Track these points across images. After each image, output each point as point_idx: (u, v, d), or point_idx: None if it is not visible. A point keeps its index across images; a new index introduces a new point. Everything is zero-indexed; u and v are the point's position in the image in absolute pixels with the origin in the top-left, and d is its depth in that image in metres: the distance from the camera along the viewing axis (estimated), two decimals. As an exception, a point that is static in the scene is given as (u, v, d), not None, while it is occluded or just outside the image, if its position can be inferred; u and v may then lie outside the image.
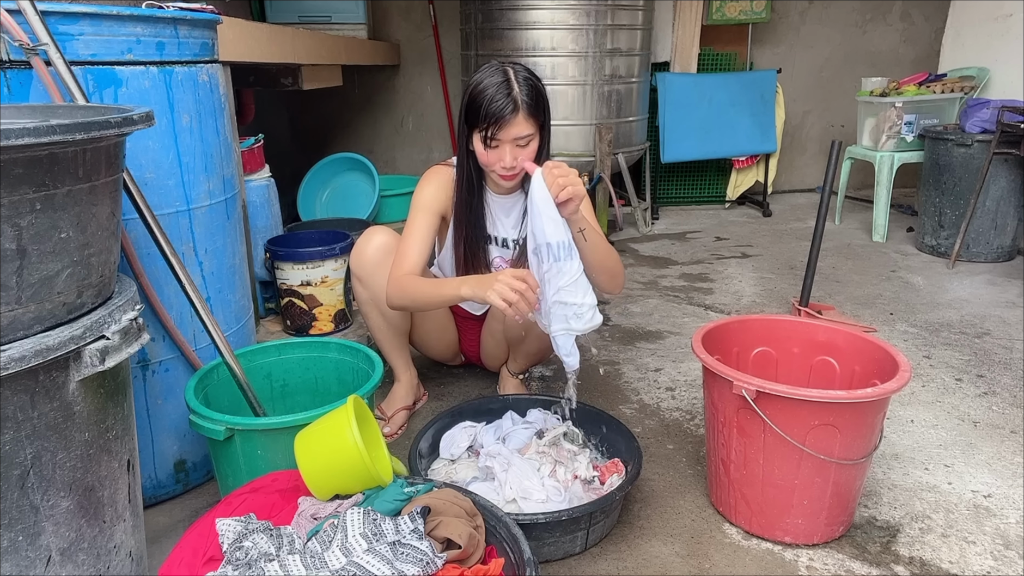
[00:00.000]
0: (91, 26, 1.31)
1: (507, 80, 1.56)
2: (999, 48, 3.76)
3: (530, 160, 1.60)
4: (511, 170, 1.62)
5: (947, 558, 1.42)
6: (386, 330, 1.90)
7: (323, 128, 4.64)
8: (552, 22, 3.40)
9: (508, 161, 1.59)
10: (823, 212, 2.33)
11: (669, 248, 3.70)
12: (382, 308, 1.84)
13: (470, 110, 1.59)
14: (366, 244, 1.83)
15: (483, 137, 1.58)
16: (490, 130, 1.56)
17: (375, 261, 1.80)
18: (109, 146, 0.94)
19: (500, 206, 1.81)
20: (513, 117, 1.55)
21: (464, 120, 1.62)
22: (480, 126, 1.57)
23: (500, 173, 1.64)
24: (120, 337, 0.92)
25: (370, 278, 1.82)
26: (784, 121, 4.41)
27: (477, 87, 1.58)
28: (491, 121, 1.55)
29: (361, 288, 1.85)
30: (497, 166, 1.62)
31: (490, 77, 1.57)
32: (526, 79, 1.58)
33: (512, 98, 1.54)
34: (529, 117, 1.57)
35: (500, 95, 1.54)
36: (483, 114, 1.55)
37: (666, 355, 2.36)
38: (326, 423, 1.25)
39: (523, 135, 1.57)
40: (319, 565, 1.06)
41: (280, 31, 2.54)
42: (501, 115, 1.54)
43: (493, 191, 1.79)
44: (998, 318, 2.64)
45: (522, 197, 1.80)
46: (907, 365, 1.39)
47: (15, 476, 0.83)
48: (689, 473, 1.71)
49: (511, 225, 1.83)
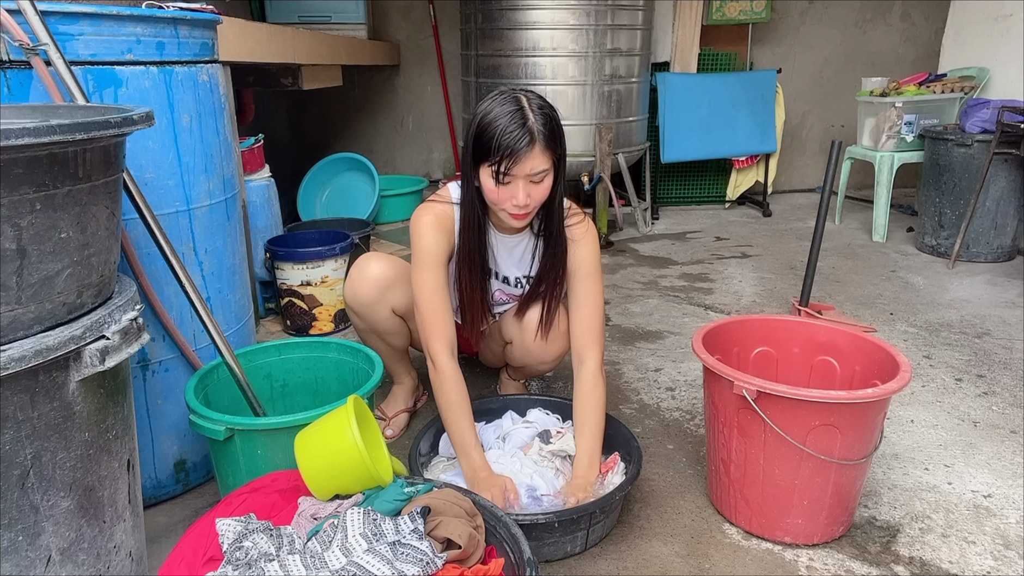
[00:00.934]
0: (91, 26, 1.31)
1: (520, 109, 1.39)
2: (999, 48, 3.76)
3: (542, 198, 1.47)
4: (524, 208, 1.45)
5: (947, 558, 1.42)
6: (387, 351, 1.85)
7: (323, 128, 4.64)
8: (552, 22, 3.40)
9: (522, 199, 1.42)
10: (823, 212, 2.33)
11: (669, 248, 3.70)
12: (381, 333, 1.80)
13: (479, 143, 1.41)
14: (360, 278, 1.73)
15: (494, 172, 1.41)
16: (503, 164, 1.38)
17: (372, 298, 1.72)
18: (109, 146, 0.94)
19: (503, 245, 1.66)
20: (529, 151, 1.38)
21: (471, 154, 1.45)
22: (491, 160, 1.39)
23: (511, 212, 1.46)
24: (120, 337, 0.92)
25: (368, 314, 1.75)
26: (784, 121, 4.41)
27: (487, 117, 1.40)
28: (504, 154, 1.37)
29: (359, 320, 1.80)
30: (508, 204, 1.44)
31: (501, 106, 1.40)
32: (541, 107, 1.42)
33: (528, 129, 1.38)
34: (546, 150, 1.41)
35: (514, 126, 1.37)
36: (495, 147, 1.38)
37: (666, 355, 2.36)
38: (326, 423, 1.25)
39: (538, 170, 1.41)
40: (319, 565, 1.06)
41: (280, 31, 2.55)
42: (516, 148, 1.37)
43: (497, 229, 1.63)
44: (998, 318, 2.64)
45: (527, 237, 1.66)
46: (907, 365, 1.39)
47: (15, 476, 0.83)
48: (689, 473, 1.71)
49: (513, 264, 1.70)
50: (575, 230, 1.61)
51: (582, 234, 1.61)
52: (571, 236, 1.61)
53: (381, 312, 1.74)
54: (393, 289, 1.73)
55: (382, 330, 1.79)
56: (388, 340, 1.82)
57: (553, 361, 1.82)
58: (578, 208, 1.66)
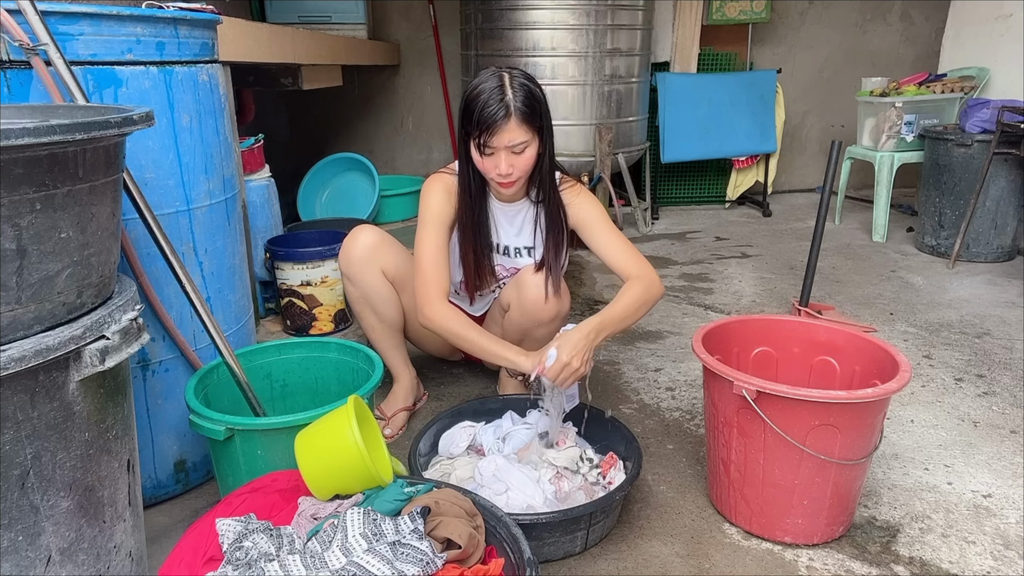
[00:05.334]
0: (91, 26, 1.31)
1: (501, 86, 1.55)
2: (999, 48, 3.76)
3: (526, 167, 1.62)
4: (507, 177, 1.61)
5: (947, 558, 1.42)
6: (381, 329, 1.89)
7: (323, 128, 4.64)
8: (552, 22, 3.40)
9: (504, 168, 1.58)
10: (823, 212, 2.33)
11: (669, 248, 3.70)
12: (374, 306, 1.84)
13: (465, 116, 1.58)
14: (353, 243, 1.83)
15: (477, 144, 1.58)
16: (483, 136, 1.55)
17: (363, 259, 1.81)
18: (109, 146, 0.94)
19: (503, 213, 1.80)
20: (505, 123, 1.53)
21: (461, 127, 1.61)
22: (474, 132, 1.56)
23: (497, 181, 1.63)
24: (120, 337, 0.92)
25: (359, 276, 1.83)
26: (784, 121, 4.41)
27: (472, 92, 1.57)
28: (483, 128, 1.54)
29: (352, 287, 1.86)
30: (493, 173, 1.61)
31: (485, 83, 1.56)
32: (522, 84, 1.57)
33: (504, 103, 1.53)
34: (523, 123, 1.55)
35: (493, 101, 1.53)
36: (476, 120, 1.54)
37: (666, 355, 2.36)
38: (326, 423, 1.25)
39: (517, 142, 1.56)
40: (319, 565, 1.06)
41: (280, 31, 2.54)
42: (493, 121, 1.53)
43: (496, 198, 1.78)
44: (998, 318, 2.64)
45: (526, 206, 1.79)
46: (907, 365, 1.39)
47: (15, 476, 0.83)
48: (689, 473, 1.71)
49: (514, 233, 1.82)
50: (568, 193, 1.76)
51: (576, 194, 1.76)
52: (567, 200, 1.75)
53: (372, 273, 1.82)
54: (382, 250, 1.83)
55: (374, 296, 1.84)
56: (381, 311, 1.85)
57: (550, 321, 1.79)
58: (571, 178, 1.79)
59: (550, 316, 1.78)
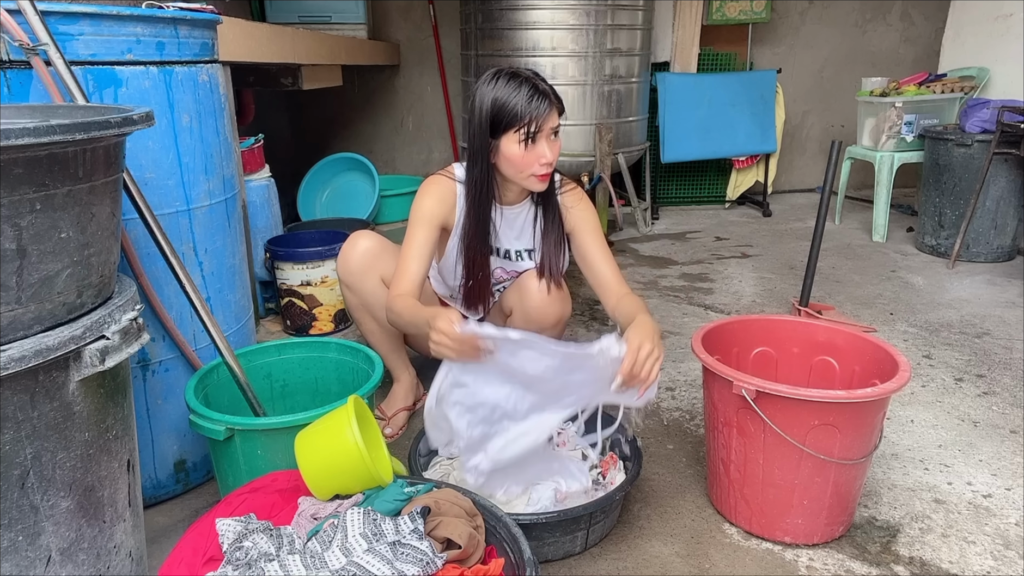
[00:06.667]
0: (91, 26, 1.31)
1: (528, 78, 1.56)
2: (999, 48, 3.76)
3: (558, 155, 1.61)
4: (550, 165, 1.59)
5: (947, 558, 1.42)
6: (379, 333, 1.89)
7: (323, 128, 4.64)
8: (552, 22, 3.40)
9: (550, 155, 1.57)
10: (823, 212, 2.33)
11: (669, 248, 3.70)
12: (373, 312, 1.84)
13: (500, 116, 1.54)
14: (351, 250, 1.83)
15: (523, 135, 1.54)
16: (532, 125, 1.53)
17: (362, 267, 1.81)
18: (109, 146, 0.94)
19: (505, 218, 1.77)
20: (550, 110, 1.55)
21: (489, 131, 1.57)
22: (518, 125, 1.53)
23: (539, 173, 1.59)
24: (120, 337, 0.92)
25: (358, 284, 1.82)
26: (784, 121, 4.41)
27: (501, 93, 1.54)
28: (532, 116, 1.53)
29: (350, 294, 1.86)
30: (536, 164, 1.57)
31: (509, 82, 1.55)
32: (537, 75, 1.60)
33: (542, 91, 1.55)
34: (555, 109, 1.58)
35: (533, 91, 1.54)
36: (521, 113, 1.52)
37: (666, 355, 2.35)
38: (326, 423, 1.25)
39: (556, 126, 1.58)
40: (319, 565, 1.06)
41: (280, 31, 2.54)
42: (539, 110, 1.53)
43: (500, 202, 1.74)
44: (998, 318, 2.64)
45: (527, 207, 1.77)
46: (907, 365, 1.39)
47: (15, 476, 0.83)
48: (689, 473, 1.71)
49: (513, 236, 1.80)
50: (567, 197, 1.76)
51: (576, 199, 1.77)
52: (565, 203, 1.76)
53: (370, 281, 1.81)
54: (381, 257, 1.83)
55: (373, 303, 1.82)
56: (381, 317, 1.83)
57: (553, 326, 1.79)
58: (571, 180, 1.80)
59: (553, 320, 1.78)
